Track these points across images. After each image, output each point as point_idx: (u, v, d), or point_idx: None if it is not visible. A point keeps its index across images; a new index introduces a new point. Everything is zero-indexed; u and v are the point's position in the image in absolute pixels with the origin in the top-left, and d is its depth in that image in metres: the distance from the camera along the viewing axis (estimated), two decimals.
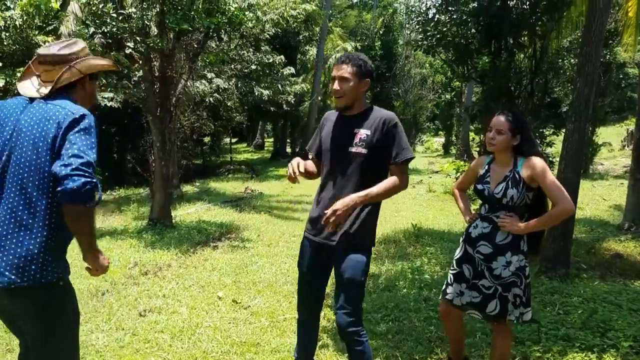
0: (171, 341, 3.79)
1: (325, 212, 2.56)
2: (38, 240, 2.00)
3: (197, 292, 4.98)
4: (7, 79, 9.35)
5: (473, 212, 3.22)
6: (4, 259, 1.97)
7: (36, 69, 2.21)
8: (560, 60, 9.31)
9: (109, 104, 13.11)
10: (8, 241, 1.99)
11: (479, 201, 3.17)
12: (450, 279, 3.11)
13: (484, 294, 2.93)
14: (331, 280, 2.92)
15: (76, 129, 2.01)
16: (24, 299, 2.03)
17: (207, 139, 23.62)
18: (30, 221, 2.00)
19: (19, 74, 9.14)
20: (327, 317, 4.20)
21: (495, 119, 2.96)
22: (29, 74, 2.26)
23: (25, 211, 2.00)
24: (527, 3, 6.75)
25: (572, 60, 10.93)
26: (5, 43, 9.90)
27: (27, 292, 1.99)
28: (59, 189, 1.90)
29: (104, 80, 12.69)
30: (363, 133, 2.70)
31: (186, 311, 4.42)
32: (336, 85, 2.72)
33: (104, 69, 2.42)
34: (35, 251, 1.99)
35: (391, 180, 2.68)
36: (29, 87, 2.19)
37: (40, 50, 2.24)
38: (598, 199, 12.41)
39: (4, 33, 9.45)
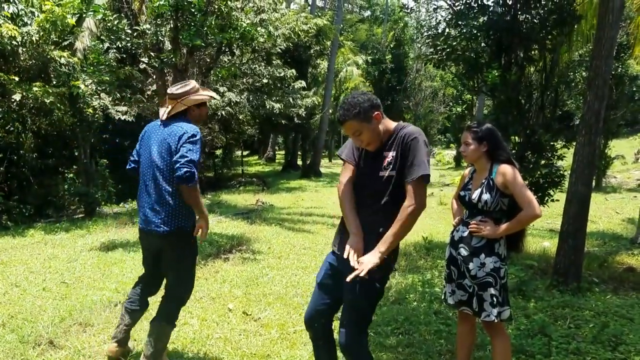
0: (182, 352, 3.83)
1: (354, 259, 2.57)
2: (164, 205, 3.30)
3: (208, 303, 5.01)
4: (24, 93, 9.55)
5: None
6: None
7: (167, 102, 3.42)
8: (571, 74, 9.30)
9: (122, 118, 13.37)
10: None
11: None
12: (444, 279, 3.37)
13: (469, 293, 3.17)
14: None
15: (187, 140, 3.20)
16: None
17: (219, 152, 23.78)
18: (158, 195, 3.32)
19: (35, 88, 9.39)
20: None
21: (463, 134, 3.27)
22: (164, 104, 3.52)
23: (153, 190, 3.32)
24: (537, 17, 6.76)
25: (583, 73, 10.91)
26: (22, 58, 10.11)
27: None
28: (175, 175, 3.14)
29: (118, 95, 12.93)
30: (390, 155, 2.63)
31: (197, 322, 4.46)
32: (356, 142, 2.70)
33: (201, 101, 3.46)
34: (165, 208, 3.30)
35: (404, 213, 2.54)
36: (161, 112, 3.45)
37: (169, 90, 3.47)
38: (611, 212, 12.33)
39: (21, 48, 9.66)
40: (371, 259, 2.53)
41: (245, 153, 33.06)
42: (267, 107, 17.91)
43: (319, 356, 2.98)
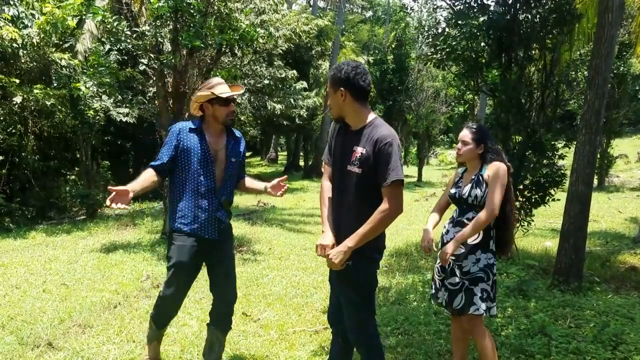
0: (181, 353, 3.82)
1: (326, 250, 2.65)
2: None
3: (208, 304, 4.96)
4: (25, 96, 9.57)
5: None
6: None
7: None
8: (573, 73, 9.26)
9: (124, 119, 13.39)
10: None
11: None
12: (432, 279, 3.40)
13: (450, 291, 3.19)
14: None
15: None
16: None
17: None
18: None
19: (36, 90, 9.41)
20: None
21: (461, 132, 3.26)
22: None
23: None
24: (537, 16, 6.74)
25: (585, 73, 10.85)
26: (23, 60, 10.14)
27: None
28: None
29: (119, 97, 12.95)
30: (359, 151, 2.60)
31: (196, 324, 4.45)
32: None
33: (205, 99, 3.16)
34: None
35: (377, 216, 2.52)
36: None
37: None
38: (613, 212, 12.27)
39: (21, 50, 9.69)
40: (337, 252, 2.58)
41: (247, 154, 33.05)
42: (269, 108, 17.93)
43: (332, 352, 3.03)
